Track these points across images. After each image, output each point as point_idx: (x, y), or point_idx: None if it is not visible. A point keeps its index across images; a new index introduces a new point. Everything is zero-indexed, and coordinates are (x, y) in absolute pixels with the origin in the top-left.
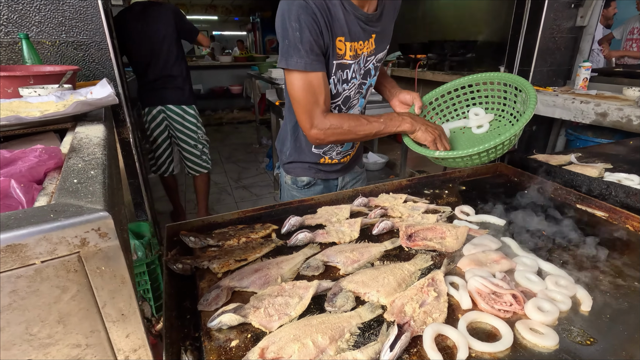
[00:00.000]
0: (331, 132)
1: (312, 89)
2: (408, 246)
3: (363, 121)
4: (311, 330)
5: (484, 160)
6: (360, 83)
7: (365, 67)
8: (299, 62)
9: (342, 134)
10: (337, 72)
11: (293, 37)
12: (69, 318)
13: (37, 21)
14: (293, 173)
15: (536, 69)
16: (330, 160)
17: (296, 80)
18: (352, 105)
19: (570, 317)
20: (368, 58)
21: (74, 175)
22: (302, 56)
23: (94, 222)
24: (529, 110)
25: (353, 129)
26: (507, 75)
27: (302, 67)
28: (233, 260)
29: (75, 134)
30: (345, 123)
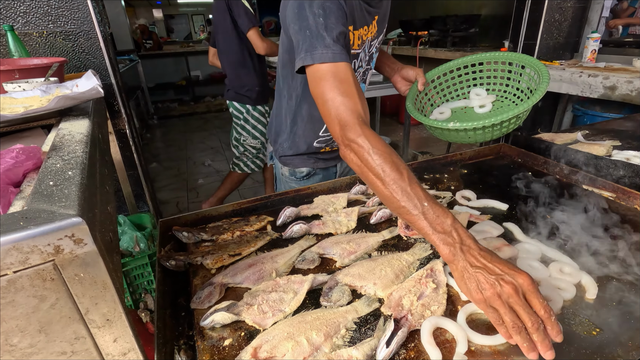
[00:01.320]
0: (356, 150)
1: (340, 81)
2: (406, 235)
3: (405, 182)
4: (305, 327)
5: (495, 135)
6: (365, 70)
7: (369, 53)
8: (325, 53)
9: (369, 171)
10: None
11: (315, 24)
12: (51, 326)
13: (22, 12)
14: (291, 165)
15: (542, 42)
16: (331, 149)
17: (322, 75)
18: None
19: (574, 305)
20: (371, 43)
21: (51, 176)
22: (328, 45)
23: (67, 228)
24: (543, 84)
25: (383, 174)
26: (515, 54)
27: (329, 59)
28: (227, 255)
29: (59, 130)
30: (379, 158)
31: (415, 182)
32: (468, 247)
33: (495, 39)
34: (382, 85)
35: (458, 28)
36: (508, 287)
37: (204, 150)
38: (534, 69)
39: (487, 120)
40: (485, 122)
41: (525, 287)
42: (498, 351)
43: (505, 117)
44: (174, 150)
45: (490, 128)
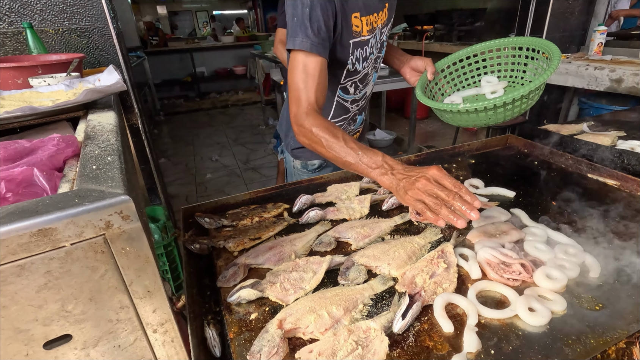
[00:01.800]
0: (303, 132)
1: (306, 75)
2: (417, 220)
3: (339, 141)
4: (326, 302)
5: (507, 116)
6: (377, 57)
7: (381, 40)
8: (305, 41)
9: (312, 141)
10: (355, 51)
11: (302, 13)
12: (100, 295)
13: (39, 9)
14: (303, 157)
15: (548, 35)
16: None
17: (296, 62)
18: (368, 82)
19: (579, 283)
20: (382, 30)
21: (92, 161)
22: (309, 35)
23: (117, 205)
24: (555, 61)
25: (324, 141)
26: (523, 38)
27: (307, 48)
28: (247, 239)
29: (88, 121)
30: (320, 130)
31: (349, 139)
32: (397, 170)
33: (501, 33)
34: (387, 80)
35: (463, 22)
36: (422, 179)
37: (211, 145)
38: (544, 49)
39: (498, 99)
40: (495, 101)
41: (435, 175)
42: (506, 324)
43: (517, 94)
44: (182, 146)
45: (502, 108)
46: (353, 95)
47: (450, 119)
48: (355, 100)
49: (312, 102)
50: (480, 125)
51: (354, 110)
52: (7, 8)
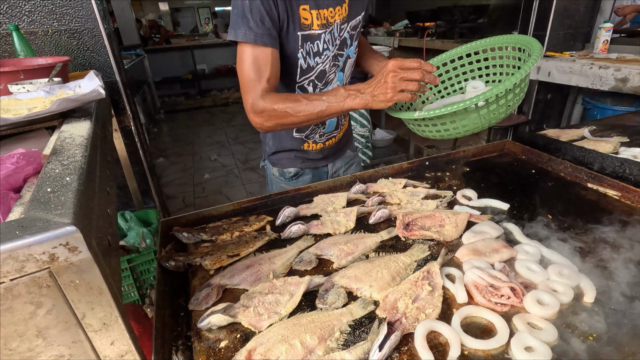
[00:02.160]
0: (267, 115)
1: (257, 66)
2: (405, 236)
3: (302, 101)
4: (300, 330)
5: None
6: (336, 55)
7: (341, 37)
8: (248, 34)
9: (279, 117)
10: (304, 45)
11: (242, 5)
12: (48, 331)
13: (27, 10)
14: (279, 165)
15: (552, 32)
16: (315, 145)
17: (243, 54)
18: (329, 81)
19: (572, 309)
20: (342, 26)
21: (49, 182)
22: (252, 27)
23: (61, 237)
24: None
25: (290, 109)
26: (502, 37)
27: (251, 40)
28: (225, 256)
29: (61, 132)
30: (279, 104)
31: (310, 95)
32: (362, 88)
33: (504, 29)
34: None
35: (466, 19)
36: (389, 75)
37: (211, 144)
38: (525, 46)
39: (468, 101)
40: (466, 103)
41: (396, 65)
42: (491, 355)
43: (490, 94)
44: (181, 145)
45: (475, 113)
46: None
47: (424, 132)
48: None
49: (266, 87)
50: (459, 134)
51: None
52: None
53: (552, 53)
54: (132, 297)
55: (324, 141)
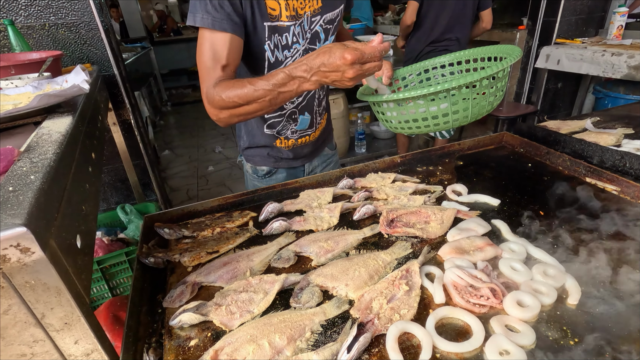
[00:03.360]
0: (218, 105)
1: (214, 52)
2: (388, 233)
3: (248, 87)
4: (270, 330)
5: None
6: (307, 49)
7: (312, 30)
8: (206, 18)
9: (229, 107)
10: (272, 37)
11: None
12: (7, 331)
13: (24, 4)
14: (252, 161)
15: (563, 18)
16: (287, 141)
17: (201, 40)
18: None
19: (554, 311)
20: (313, 19)
21: (13, 181)
22: (209, 11)
23: (12, 238)
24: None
25: (238, 98)
26: (488, 47)
27: (208, 24)
28: (205, 252)
29: (40, 129)
30: (228, 91)
31: (256, 79)
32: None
33: (514, 16)
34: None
35: None
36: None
37: (215, 137)
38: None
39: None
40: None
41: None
42: (464, 358)
43: (448, 85)
44: (186, 137)
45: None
46: None
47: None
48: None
49: (220, 75)
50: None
51: (290, 108)
52: None
53: (563, 40)
54: None
55: (297, 138)
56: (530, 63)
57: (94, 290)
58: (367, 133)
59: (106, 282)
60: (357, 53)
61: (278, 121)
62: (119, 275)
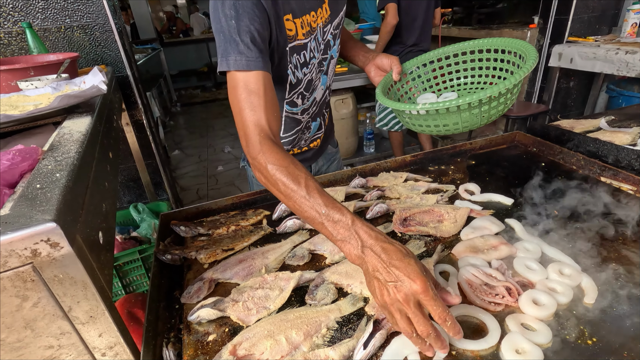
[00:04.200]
0: (258, 169)
1: (252, 94)
2: (401, 232)
3: (302, 192)
4: (286, 326)
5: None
6: (321, 60)
7: (325, 40)
8: (239, 59)
9: (268, 182)
10: (292, 58)
11: (228, 27)
12: (36, 323)
13: (41, 7)
14: None
15: (575, 16)
16: (300, 149)
17: (235, 83)
18: (315, 87)
19: (570, 310)
20: (325, 29)
21: (40, 179)
22: (242, 51)
23: (43, 233)
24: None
25: (283, 186)
26: (498, 39)
27: (243, 66)
28: (220, 250)
29: (61, 129)
30: (276, 172)
31: (314, 188)
32: (370, 248)
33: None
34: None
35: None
36: (400, 294)
37: (225, 137)
38: (521, 51)
39: (461, 100)
40: (459, 102)
41: (419, 294)
42: (480, 356)
43: (483, 95)
44: (196, 137)
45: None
46: (302, 105)
47: (410, 124)
48: (305, 110)
49: (264, 127)
50: (445, 132)
51: (305, 119)
52: (11, 7)
53: (575, 38)
54: (144, 287)
55: (309, 144)
56: (541, 62)
57: None
58: (376, 133)
59: (120, 280)
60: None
61: (293, 137)
62: (132, 273)
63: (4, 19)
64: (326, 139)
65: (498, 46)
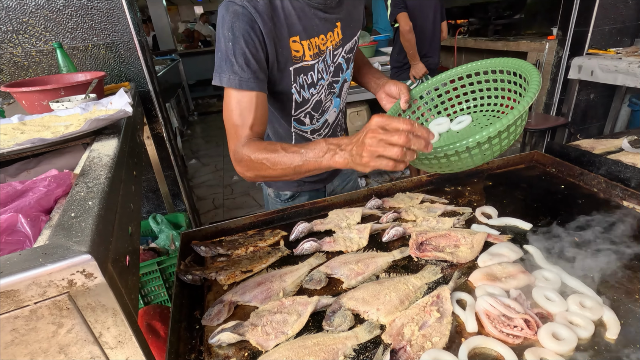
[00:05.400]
0: (246, 164)
1: (240, 111)
2: (417, 256)
3: (280, 152)
4: (304, 353)
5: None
6: (331, 82)
7: (335, 63)
8: (232, 78)
9: (256, 169)
10: (297, 79)
11: (225, 48)
12: (69, 348)
13: (70, 28)
14: (274, 186)
15: (596, 28)
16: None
17: (228, 99)
18: (326, 109)
19: (592, 345)
20: (335, 52)
21: (74, 206)
22: (236, 72)
23: (79, 264)
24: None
25: (266, 161)
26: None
27: (235, 85)
28: (239, 271)
29: (91, 152)
30: (257, 154)
31: (289, 146)
32: (344, 144)
33: (543, 25)
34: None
35: (501, 15)
36: (368, 135)
37: None
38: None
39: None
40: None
41: (379, 123)
42: None
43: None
44: (212, 146)
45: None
46: (311, 125)
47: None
48: (315, 130)
49: (248, 134)
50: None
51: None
52: (43, 27)
53: (596, 50)
54: (162, 297)
55: None
56: (560, 74)
57: None
58: None
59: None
60: (383, 116)
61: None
62: (150, 283)
63: (37, 38)
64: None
65: (503, 67)
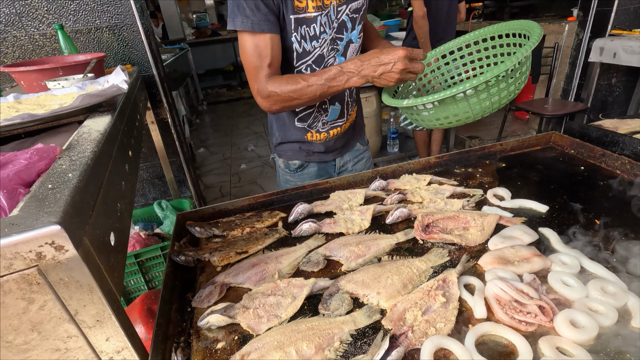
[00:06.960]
0: (273, 99)
1: (258, 52)
2: (423, 238)
3: (302, 83)
4: (297, 337)
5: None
6: (334, 38)
7: (339, 20)
8: (245, 22)
9: (284, 101)
10: (298, 29)
11: None
12: (42, 325)
13: (72, 10)
14: (284, 156)
15: (620, 7)
16: (319, 135)
17: (244, 42)
18: (329, 65)
19: (615, 335)
20: (339, 8)
21: (53, 179)
22: (248, 15)
23: (47, 236)
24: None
25: (293, 93)
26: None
27: (248, 28)
28: (234, 252)
29: (81, 127)
30: (283, 87)
31: (309, 76)
32: (363, 73)
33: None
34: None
35: None
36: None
37: (248, 135)
38: (526, 31)
39: (462, 87)
40: (439, 96)
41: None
42: None
43: (476, 82)
44: (221, 136)
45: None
46: None
47: (420, 121)
48: None
49: (268, 72)
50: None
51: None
52: (45, 10)
53: (619, 31)
54: None
55: (328, 130)
56: (580, 57)
57: (131, 282)
58: (400, 132)
59: (142, 275)
60: (408, 50)
61: (309, 113)
62: (154, 269)
63: (39, 21)
64: (352, 134)
65: (507, 30)
